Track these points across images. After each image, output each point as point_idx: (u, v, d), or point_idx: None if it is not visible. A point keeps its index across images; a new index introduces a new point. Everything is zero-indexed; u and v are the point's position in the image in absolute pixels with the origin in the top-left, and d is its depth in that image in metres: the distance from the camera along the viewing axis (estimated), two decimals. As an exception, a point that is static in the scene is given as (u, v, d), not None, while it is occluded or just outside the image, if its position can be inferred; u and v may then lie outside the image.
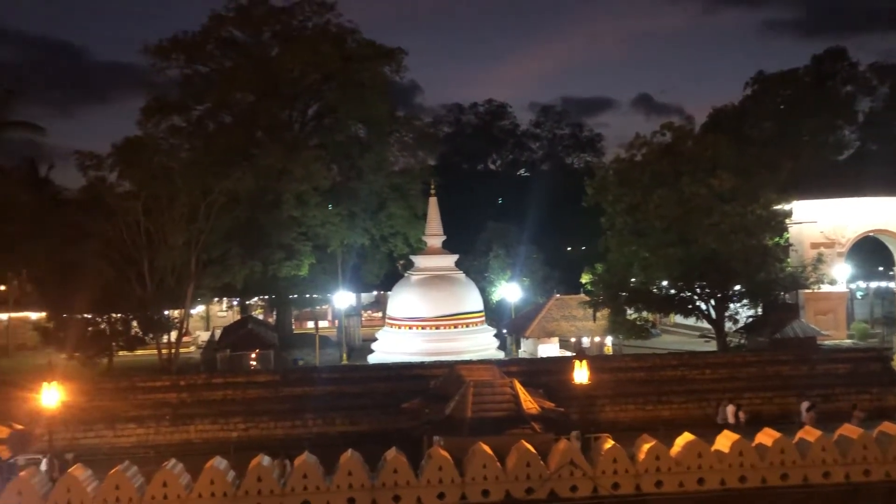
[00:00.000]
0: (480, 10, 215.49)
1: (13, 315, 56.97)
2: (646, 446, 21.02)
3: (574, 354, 32.57)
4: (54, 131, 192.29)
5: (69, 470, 20.38)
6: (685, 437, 21.43)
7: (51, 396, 23.73)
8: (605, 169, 45.84)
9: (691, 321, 49.18)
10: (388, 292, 55.11)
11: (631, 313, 43.97)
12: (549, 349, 47.55)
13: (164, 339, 43.14)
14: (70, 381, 28.84)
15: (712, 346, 44.04)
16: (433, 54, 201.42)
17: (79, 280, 39.59)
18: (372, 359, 45.62)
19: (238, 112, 53.78)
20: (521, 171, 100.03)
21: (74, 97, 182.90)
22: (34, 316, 54.13)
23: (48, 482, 20.28)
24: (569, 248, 77.07)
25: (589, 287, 46.32)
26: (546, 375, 32.95)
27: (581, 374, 25.70)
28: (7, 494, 19.55)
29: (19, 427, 24.59)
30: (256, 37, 55.11)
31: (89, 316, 41.10)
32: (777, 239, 43.46)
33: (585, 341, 47.49)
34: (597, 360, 35.20)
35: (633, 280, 43.32)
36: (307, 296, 58.74)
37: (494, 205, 73.53)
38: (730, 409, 31.51)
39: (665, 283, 43.37)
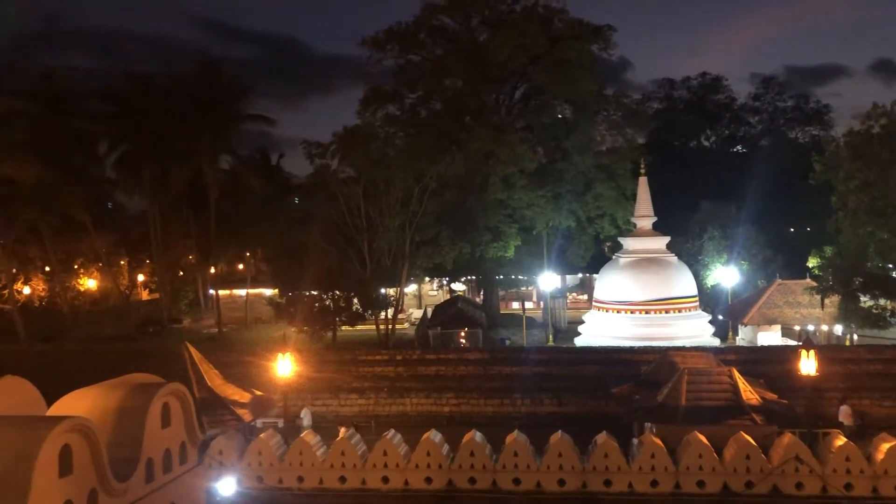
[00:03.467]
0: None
1: (250, 291, 62.74)
2: (885, 446, 19.25)
3: (799, 343, 30.39)
4: (283, 122, 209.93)
5: (301, 435, 22.22)
6: (933, 439, 19.37)
7: (285, 366, 25.93)
8: (836, 143, 42.12)
9: (938, 311, 44.11)
10: (595, 275, 54.36)
11: (865, 300, 40.34)
12: (770, 337, 44.67)
13: (382, 315, 45.65)
14: (300, 353, 31.42)
15: (965, 339, 39.25)
16: (644, 28, 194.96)
17: (306, 260, 42.95)
18: (578, 341, 45.33)
19: (448, 98, 55.38)
20: (738, 147, 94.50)
21: (300, 89, 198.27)
22: (268, 292, 59.41)
23: (283, 444, 22.22)
24: (792, 230, 71.77)
25: (817, 272, 43.22)
26: (767, 365, 31.12)
27: (808, 364, 23.90)
28: (249, 454, 21.69)
29: (259, 393, 27.03)
30: (466, 23, 56.36)
31: (315, 293, 44.32)
32: None
33: (811, 329, 44.06)
34: (826, 350, 32.62)
35: (868, 264, 39.70)
36: (513, 277, 59.35)
37: (709, 183, 69.61)
38: None
39: (907, 267, 39.35)
